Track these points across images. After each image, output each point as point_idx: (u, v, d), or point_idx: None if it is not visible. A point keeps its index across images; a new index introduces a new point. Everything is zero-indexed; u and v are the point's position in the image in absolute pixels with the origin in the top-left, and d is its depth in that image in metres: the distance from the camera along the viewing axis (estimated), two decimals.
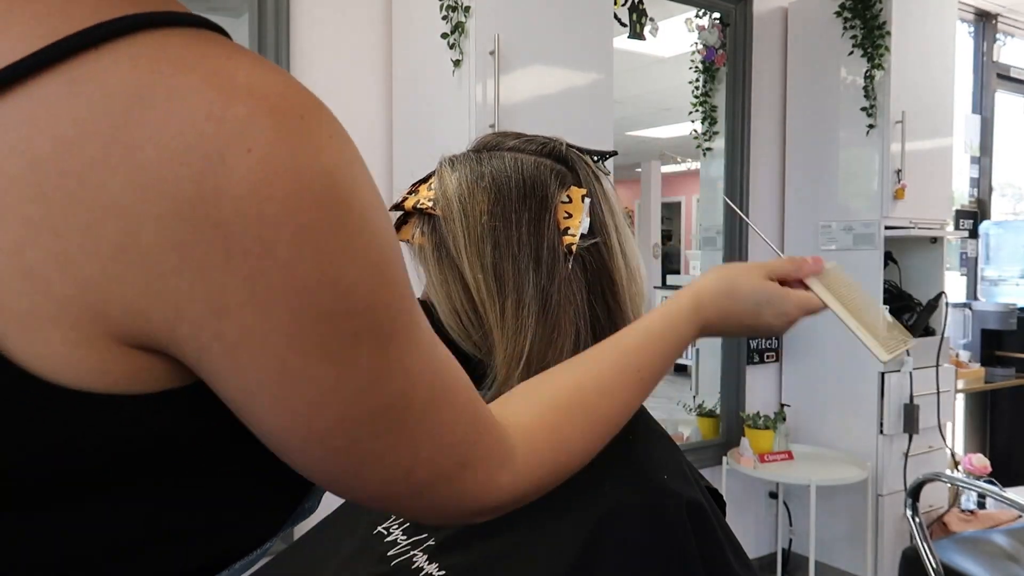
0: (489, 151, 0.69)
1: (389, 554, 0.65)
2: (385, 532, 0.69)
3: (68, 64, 0.31)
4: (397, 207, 0.70)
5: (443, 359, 0.42)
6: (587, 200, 0.67)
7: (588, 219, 0.66)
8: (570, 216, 0.66)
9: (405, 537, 0.67)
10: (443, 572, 0.61)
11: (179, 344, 0.32)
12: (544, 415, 0.49)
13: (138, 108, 0.30)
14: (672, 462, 0.65)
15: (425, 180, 0.71)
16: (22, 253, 0.30)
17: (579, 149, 0.71)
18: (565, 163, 0.69)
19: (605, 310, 0.66)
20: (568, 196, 0.67)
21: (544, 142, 0.70)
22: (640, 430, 0.68)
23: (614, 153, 0.74)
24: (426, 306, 0.71)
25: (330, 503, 0.80)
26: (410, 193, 0.71)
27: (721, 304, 0.62)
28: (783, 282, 0.66)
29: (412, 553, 0.64)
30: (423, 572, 0.62)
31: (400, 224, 0.72)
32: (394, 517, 0.71)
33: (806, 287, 0.66)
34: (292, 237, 0.32)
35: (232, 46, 0.34)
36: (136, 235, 0.30)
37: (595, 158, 0.71)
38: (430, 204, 0.68)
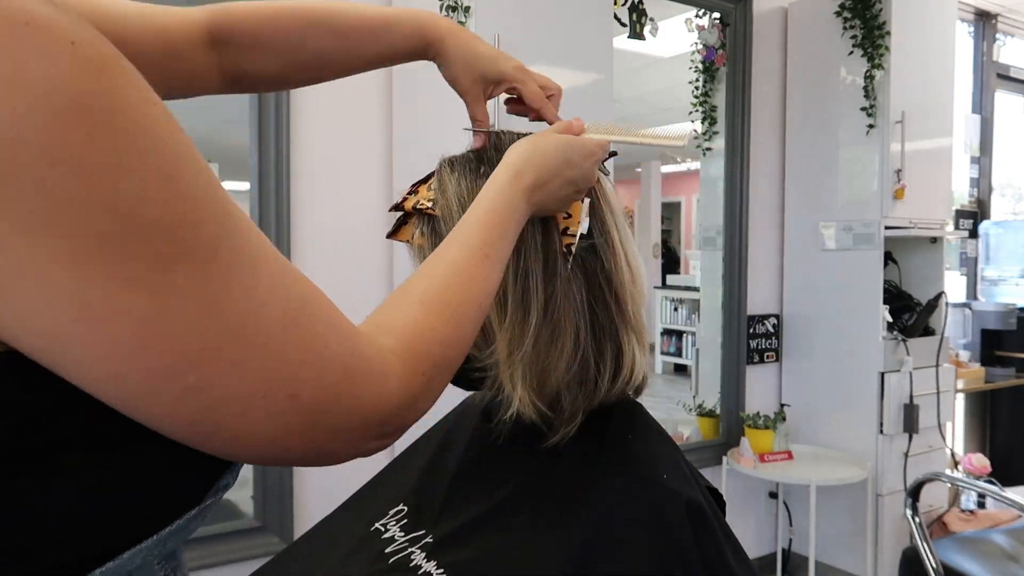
0: (490, 151, 0.70)
1: (387, 551, 0.66)
2: (383, 529, 0.69)
3: None
4: (397, 207, 0.71)
5: (298, 277, 0.39)
6: (587, 201, 0.67)
7: (588, 220, 0.66)
8: (569, 217, 0.66)
9: (403, 534, 0.67)
10: (441, 570, 0.61)
11: None
12: (409, 314, 0.49)
13: None
14: (671, 461, 0.65)
15: (425, 180, 0.71)
16: None
17: None
18: None
19: (605, 310, 0.66)
20: None
21: None
22: (639, 428, 0.68)
23: (614, 154, 0.74)
24: None
25: (330, 503, 0.80)
26: (410, 193, 0.71)
27: (536, 163, 0.63)
28: None
29: (410, 550, 0.64)
30: (421, 570, 0.62)
31: (400, 225, 0.72)
32: (392, 514, 0.71)
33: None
34: (37, 158, 0.28)
35: None
36: None
37: None
38: (430, 205, 0.68)
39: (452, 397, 0.65)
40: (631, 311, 0.67)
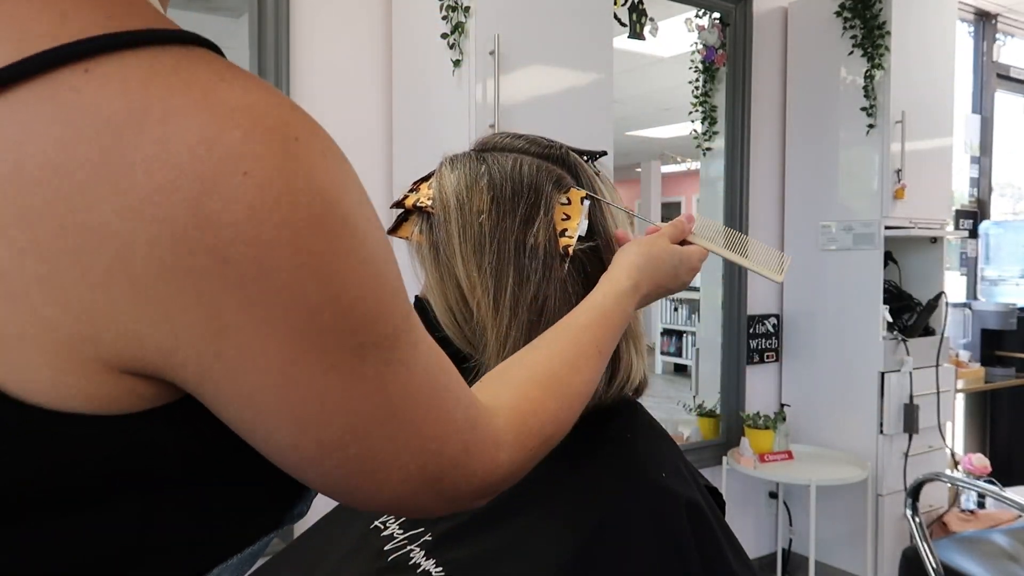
0: (490, 151, 0.70)
1: (386, 548, 0.66)
2: (382, 527, 0.69)
3: (53, 76, 0.30)
4: (398, 204, 0.71)
5: (437, 352, 0.42)
6: (586, 203, 0.67)
7: (587, 221, 0.66)
8: (568, 218, 0.66)
9: (402, 532, 0.67)
10: (440, 568, 0.61)
11: (175, 369, 0.33)
12: (525, 392, 0.52)
13: (129, 131, 0.30)
14: (671, 461, 0.65)
15: (426, 179, 0.71)
16: (5, 277, 0.30)
17: (575, 151, 0.71)
18: (566, 165, 0.69)
19: None
20: (567, 198, 0.67)
21: (547, 144, 0.70)
22: (639, 429, 0.68)
23: (603, 153, 0.74)
24: (421, 303, 0.72)
25: (330, 502, 0.80)
26: (411, 191, 0.71)
27: (652, 276, 0.67)
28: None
29: (409, 548, 0.64)
30: (420, 568, 0.62)
31: (400, 222, 0.72)
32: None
33: (688, 243, 0.74)
34: (290, 259, 0.32)
35: (224, 64, 0.33)
36: (128, 260, 0.30)
37: (585, 158, 0.71)
38: (429, 203, 0.68)
39: None
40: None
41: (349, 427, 0.36)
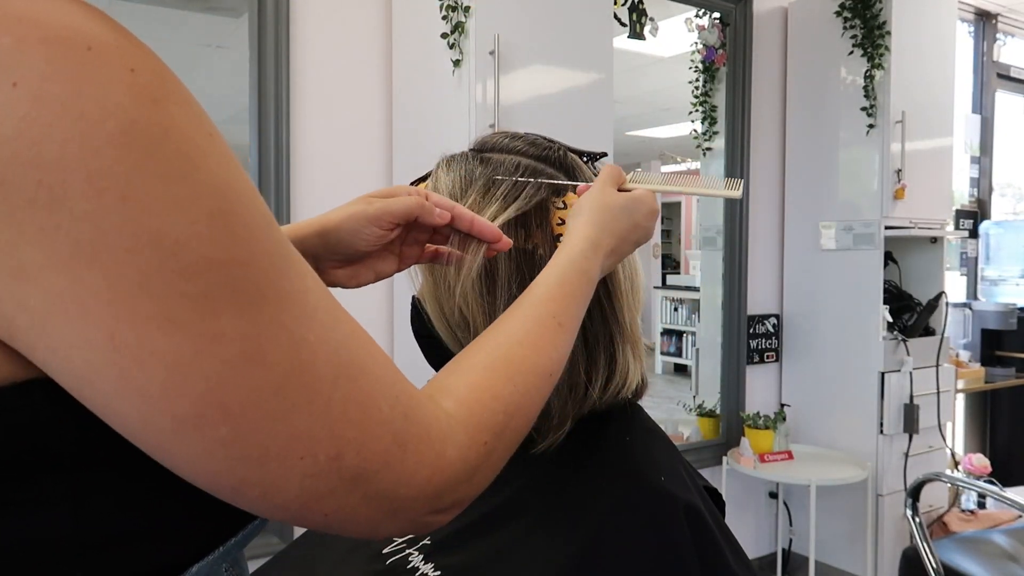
0: (488, 152, 0.69)
1: (384, 552, 0.65)
2: None
3: None
4: None
5: (353, 331, 0.37)
6: None
7: None
8: (563, 223, 0.65)
9: (400, 536, 0.67)
10: (438, 572, 0.60)
11: None
12: (475, 380, 0.46)
13: None
14: (669, 464, 0.65)
15: (423, 179, 0.71)
16: None
17: (574, 151, 0.70)
18: (564, 168, 0.68)
19: (601, 317, 0.65)
20: (564, 202, 0.66)
21: (545, 145, 0.69)
22: (638, 432, 0.67)
23: (603, 154, 0.73)
24: (416, 306, 0.71)
25: None
26: None
27: (611, 229, 0.61)
28: None
29: (407, 552, 0.64)
30: (419, 572, 0.61)
31: None
32: None
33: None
34: (85, 185, 0.27)
35: None
36: None
37: (584, 159, 0.70)
38: None
39: None
40: (627, 320, 0.66)
41: (212, 400, 0.31)
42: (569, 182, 0.67)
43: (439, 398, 0.43)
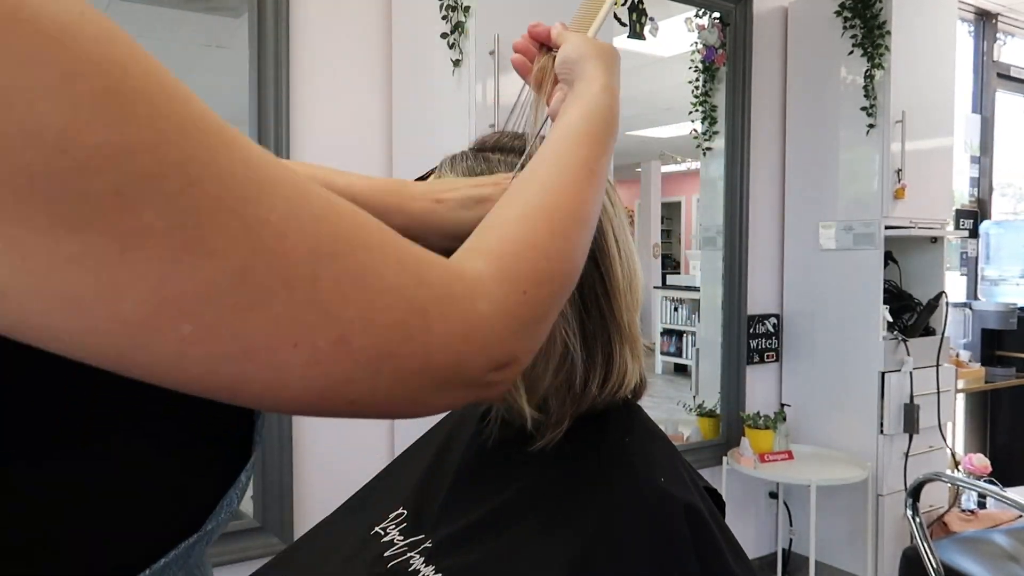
0: (490, 151, 0.69)
1: (386, 555, 0.65)
2: (382, 532, 0.69)
3: None
4: None
5: (329, 203, 0.34)
6: None
7: None
8: None
9: (402, 538, 0.66)
10: (439, 575, 0.60)
11: None
12: (507, 232, 0.43)
13: None
14: (669, 464, 0.65)
15: (425, 177, 0.71)
16: None
17: None
18: None
19: (599, 317, 0.65)
20: None
21: None
22: (637, 432, 0.67)
23: None
24: None
25: (330, 503, 0.80)
26: None
27: (615, 72, 0.61)
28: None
29: (409, 555, 0.64)
30: (420, 574, 0.61)
31: None
32: (392, 517, 0.70)
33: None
34: None
35: None
36: None
37: None
38: None
39: None
40: (625, 319, 0.66)
41: (159, 298, 0.28)
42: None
43: (466, 259, 0.41)
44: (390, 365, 0.34)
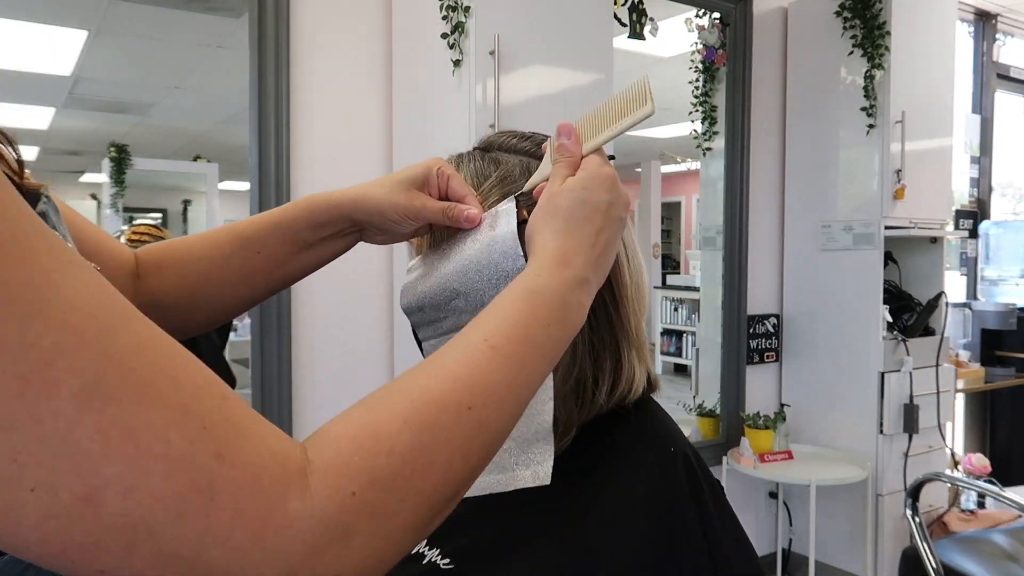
0: (495, 151, 0.68)
1: None
2: None
3: None
4: None
5: (139, 340, 0.29)
6: None
7: None
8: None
9: None
10: (447, 560, 0.60)
11: None
12: (354, 418, 0.36)
13: None
14: (681, 444, 0.66)
15: None
16: None
17: None
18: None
19: (607, 323, 0.65)
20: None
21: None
22: (649, 418, 0.68)
23: (611, 157, 0.73)
24: None
25: None
26: None
27: (570, 233, 0.50)
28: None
29: None
30: (425, 559, 0.61)
31: None
32: None
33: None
34: None
35: None
36: None
37: None
38: None
39: None
40: (632, 325, 0.66)
41: None
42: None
43: (309, 443, 0.34)
44: (149, 544, 0.28)
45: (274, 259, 0.64)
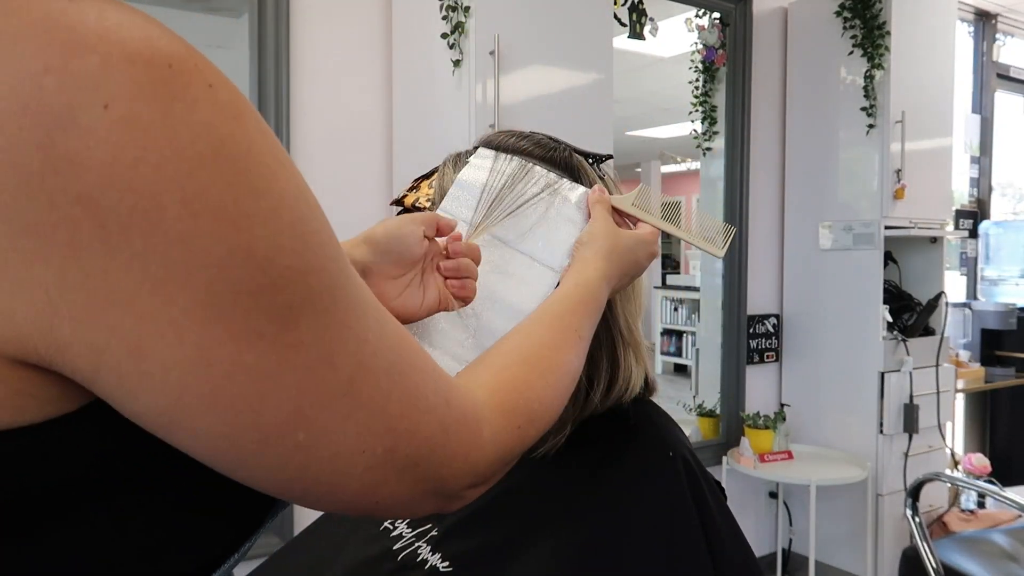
0: (494, 150, 0.69)
1: (395, 548, 0.66)
2: (391, 527, 0.69)
3: None
4: (397, 202, 0.70)
5: (397, 327, 0.38)
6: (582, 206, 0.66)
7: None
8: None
9: (410, 530, 0.67)
10: (447, 563, 0.61)
11: (63, 351, 0.27)
12: (506, 372, 0.48)
13: None
14: (680, 445, 0.66)
15: (427, 176, 0.71)
16: None
17: (579, 152, 0.70)
18: (569, 169, 0.68)
19: (603, 322, 0.64)
20: None
21: (551, 147, 0.68)
22: (646, 420, 0.68)
23: (610, 156, 0.73)
24: None
25: None
26: (411, 189, 0.70)
27: (619, 266, 0.64)
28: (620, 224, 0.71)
29: (416, 545, 0.64)
30: (427, 564, 0.62)
31: None
32: None
33: (634, 221, 0.71)
34: (180, 208, 0.27)
35: None
36: None
37: (590, 160, 0.70)
38: (428, 204, 0.67)
39: None
40: (628, 325, 0.67)
41: (293, 409, 0.31)
42: (572, 182, 0.67)
43: (474, 386, 0.45)
44: (412, 473, 0.37)
45: None
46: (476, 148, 0.69)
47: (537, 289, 0.63)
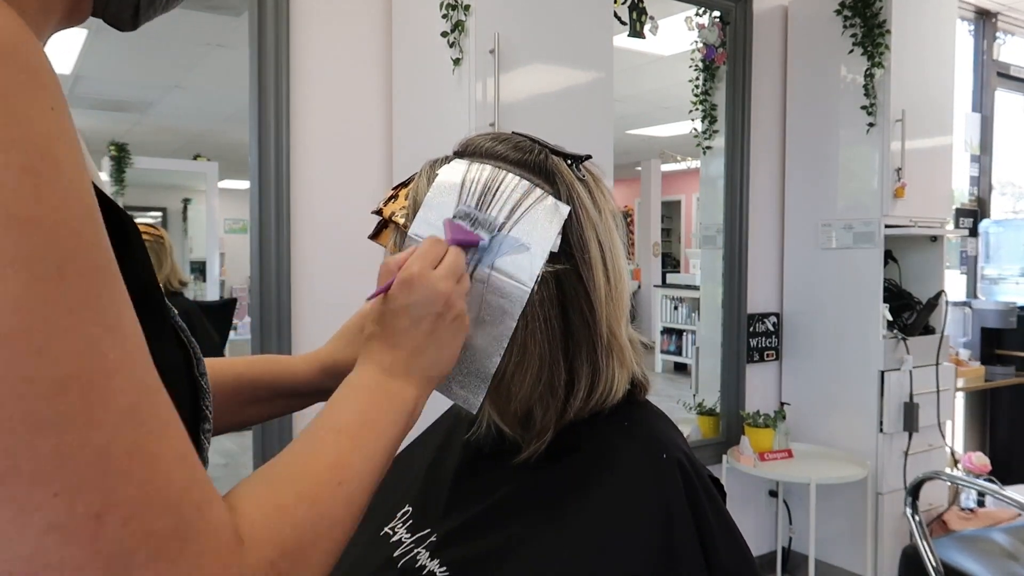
0: (470, 156, 0.66)
1: (395, 555, 0.66)
2: (391, 532, 0.69)
3: None
4: (378, 212, 0.68)
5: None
6: (559, 217, 0.62)
7: (559, 238, 0.62)
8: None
9: (409, 535, 0.67)
10: (444, 568, 0.61)
11: None
12: (253, 491, 0.42)
13: None
14: (675, 444, 0.65)
15: (406, 184, 0.68)
16: None
17: (558, 153, 0.66)
18: (543, 173, 0.64)
19: (583, 327, 0.63)
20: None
21: (527, 149, 0.65)
22: (638, 418, 0.67)
23: (588, 157, 0.69)
24: None
25: None
26: (390, 198, 0.68)
27: (393, 342, 0.56)
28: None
29: (416, 551, 0.64)
30: (425, 569, 0.62)
31: (380, 228, 0.68)
32: (399, 516, 0.70)
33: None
34: None
35: None
36: None
37: (568, 161, 0.66)
38: (403, 220, 0.65)
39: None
40: (608, 329, 0.64)
41: None
42: (546, 188, 0.64)
43: (235, 510, 0.38)
44: (122, 571, 0.29)
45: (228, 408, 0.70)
46: (449, 157, 0.67)
47: (511, 310, 0.61)
